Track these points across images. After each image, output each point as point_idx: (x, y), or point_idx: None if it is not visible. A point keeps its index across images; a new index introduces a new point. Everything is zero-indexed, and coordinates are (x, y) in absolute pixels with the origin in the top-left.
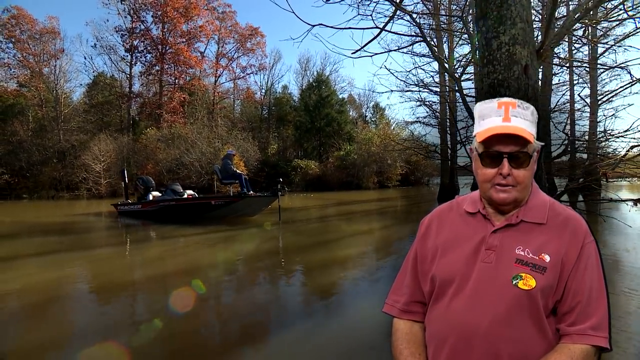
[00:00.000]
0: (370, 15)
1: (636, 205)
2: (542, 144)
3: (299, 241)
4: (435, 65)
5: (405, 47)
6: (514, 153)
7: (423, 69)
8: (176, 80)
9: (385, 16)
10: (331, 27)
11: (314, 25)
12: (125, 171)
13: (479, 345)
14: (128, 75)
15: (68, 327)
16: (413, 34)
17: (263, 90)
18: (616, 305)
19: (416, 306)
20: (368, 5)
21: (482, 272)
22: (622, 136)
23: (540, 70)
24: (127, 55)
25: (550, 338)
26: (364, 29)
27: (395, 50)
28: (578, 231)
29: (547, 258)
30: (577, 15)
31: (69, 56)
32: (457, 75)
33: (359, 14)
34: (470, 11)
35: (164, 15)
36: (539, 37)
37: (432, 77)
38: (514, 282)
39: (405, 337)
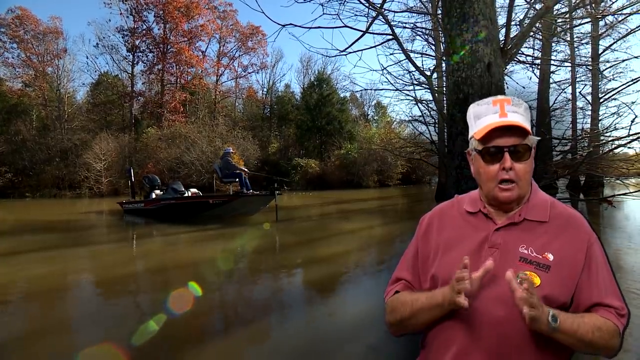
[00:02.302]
0: (337, 14)
1: (601, 204)
2: (538, 138)
3: (295, 239)
4: (431, 62)
5: (378, 45)
6: (514, 146)
7: (412, 69)
8: (178, 80)
9: (353, 14)
10: (300, 26)
11: (284, 25)
12: (132, 169)
13: (485, 344)
14: (130, 75)
15: (67, 319)
16: (387, 33)
17: (265, 89)
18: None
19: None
20: (342, 4)
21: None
22: (600, 134)
23: (538, 68)
24: (129, 55)
25: None
26: (333, 28)
27: (367, 48)
28: (581, 231)
29: (550, 257)
30: (541, 12)
31: (71, 56)
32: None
33: (324, 13)
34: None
35: (166, 15)
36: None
37: (412, 74)
38: (519, 280)
39: (412, 292)
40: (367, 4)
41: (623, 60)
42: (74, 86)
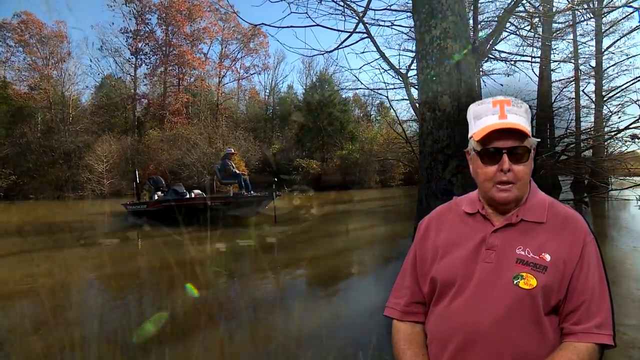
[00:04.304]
0: (306, 12)
1: (579, 205)
2: (538, 139)
3: (294, 240)
4: None
5: (353, 44)
6: (512, 148)
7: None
8: (180, 82)
9: (327, 12)
10: (272, 25)
11: (256, 25)
12: (137, 172)
13: (481, 345)
14: (133, 77)
15: (69, 316)
16: (363, 31)
17: (267, 90)
18: (623, 306)
19: (417, 307)
20: (319, 3)
21: (483, 272)
22: (585, 132)
23: (537, 66)
24: (132, 58)
25: (549, 337)
26: (306, 27)
27: (342, 47)
28: (578, 230)
29: (547, 257)
30: (509, 8)
31: (75, 59)
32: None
33: (292, 12)
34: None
35: (168, 18)
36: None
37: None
38: (515, 281)
39: (408, 337)
40: (343, 4)
41: (633, 56)
42: (78, 89)
